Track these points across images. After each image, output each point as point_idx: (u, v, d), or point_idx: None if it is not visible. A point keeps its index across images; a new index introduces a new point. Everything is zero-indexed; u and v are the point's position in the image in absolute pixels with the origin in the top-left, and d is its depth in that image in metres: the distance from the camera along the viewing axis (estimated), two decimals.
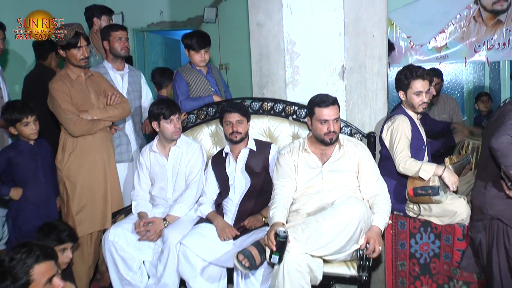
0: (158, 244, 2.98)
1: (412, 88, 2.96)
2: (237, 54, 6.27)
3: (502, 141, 2.48)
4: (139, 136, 3.76)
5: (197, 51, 3.54)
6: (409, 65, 3.10)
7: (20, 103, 3.17)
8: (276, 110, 3.33)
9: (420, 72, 2.95)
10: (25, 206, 3.13)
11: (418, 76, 2.94)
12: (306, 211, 2.70)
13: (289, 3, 3.37)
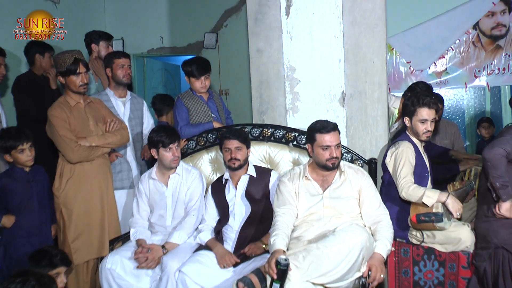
0: (157, 272, 2.95)
1: (417, 116, 2.98)
2: (237, 80, 6.33)
3: (495, 152, 2.51)
4: (140, 163, 3.77)
5: (198, 78, 3.57)
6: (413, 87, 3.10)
7: (15, 130, 3.17)
8: (277, 136, 3.35)
9: (427, 100, 2.98)
10: (17, 234, 3.10)
11: (424, 104, 2.97)
12: (307, 238, 2.69)
13: (289, 30, 3.42)
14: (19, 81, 4.18)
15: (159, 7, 6.75)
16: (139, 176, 3.59)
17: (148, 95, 6.67)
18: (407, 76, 5.87)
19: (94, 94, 3.64)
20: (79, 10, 6.25)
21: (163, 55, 6.92)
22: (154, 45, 6.79)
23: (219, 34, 6.52)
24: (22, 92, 4.10)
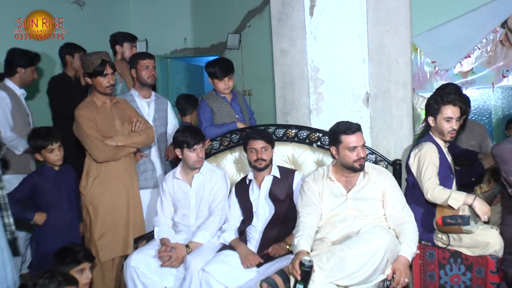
0: (180, 271, 2.97)
1: (442, 114, 2.93)
2: (260, 81, 6.32)
3: (503, 147, 2.46)
4: (164, 162, 3.80)
5: (221, 79, 3.58)
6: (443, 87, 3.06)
7: (45, 130, 3.25)
8: (300, 137, 3.34)
9: (451, 98, 2.93)
10: (48, 231, 3.18)
11: (448, 102, 2.92)
12: (331, 239, 2.67)
13: (312, 30, 3.41)
14: (53, 82, 4.30)
15: (183, 8, 6.80)
16: (163, 175, 3.62)
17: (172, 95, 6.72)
18: (431, 76, 5.78)
19: (119, 95, 3.68)
20: (104, 11, 6.35)
21: (186, 56, 6.97)
22: (178, 46, 6.85)
23: (242, 34, 6.53)
24: (55, 93, 4.21)
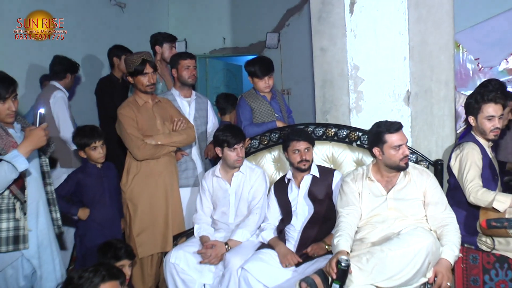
0: (219, 268, 3.00)
1: (483, 113, 2.84)
2: (299, 79, 6.30)
3: None
4: (205, 161, 3.83)
5: (261, 78, 3.59)
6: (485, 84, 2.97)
7: (89, 128, 3.34)
8: (340, 136, 3.30)
9: (492, 96, 2.83)
10: (91, 226, 3.26)
11: (489, 100, 2.83)
12: (371, 240, 2.64)
13: (353, 28, 3.36)
14: (101, 83, 4.43)
15: (222, 8, 6.84)
16: (203, 174, 3.65)
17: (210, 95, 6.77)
18: (474, 73, 5.61)
19: (160, 95, 3.73)
20: (144, 13, 6.47)
21: (225, 55, 7.01)
22: (217, 45, 6.89)
23: (281, 33, 6.52)
24: (102, 93, 4.33)
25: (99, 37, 5.49)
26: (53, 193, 2.85)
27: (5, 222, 2.51)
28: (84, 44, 5.31)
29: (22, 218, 2.55)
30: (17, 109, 2.61)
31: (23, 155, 2.42)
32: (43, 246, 2.69)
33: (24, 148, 2.45)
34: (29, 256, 2.62)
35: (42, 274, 2.69)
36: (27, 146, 2.46)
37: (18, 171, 2.40)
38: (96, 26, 5.52)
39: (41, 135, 2.50)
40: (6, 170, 2.38)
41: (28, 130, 2.52)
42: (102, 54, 5.07)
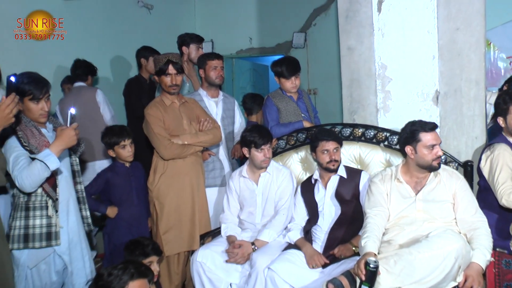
0: (246, 268, 3.01)
1: (511, 114, 2.78)
2: (326, 79, 6.27)
3: None
4: (231, 161, 3.84)
5: (288, 78, 3.58)
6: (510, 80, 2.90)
7: (118, 127, 3.40)
8: (367, 136, 3.27)
9: None
10: (119, 224, 3.31)
11: None
12: (399, 242, 2.60)
13: (380, 27, 3.32)
14: (128, 84, 4.50)
15: (248, 8, 6.85)
16: (231, 174, 3.67)
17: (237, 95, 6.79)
18: (506, 72, 5.47)
19: (187, 95, 3.76)
20: (171, 14, 6.53)
21: (251, 55, 7.02)
22: (243, 46, 6.91)
23: (307, 33, 6.50)
24: (130, 94, 4.40)
25: (127, 38, 5.57)
26: (83, 192, 2.91)
27: (39, 219, 2.59)
28: (112, 46, 5.41)
29: (54, 215, 2.62)
30: (49, 109, 2.68)
31: (54, 154, 2.48)
32: (74, 243, 2.76)
33: (55, 148, 2.51)
34: (61, 253, 2.69)
35: (72, 270, 2.76)
36: (58, 145, 2.53)
37: (49, 169, 2.46)
38: (123, 27, 5.61)
39: (71, 135, 2.56)
40: (39, 168, 2.44)
41: (59, 130, 2.58)
42: (130, 55, 5.15)
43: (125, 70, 5.44)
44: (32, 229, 2.58)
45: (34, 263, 2.63)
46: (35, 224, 2.58)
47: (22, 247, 2.57)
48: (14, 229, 2.57)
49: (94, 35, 5.17)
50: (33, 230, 2.58)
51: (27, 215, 2.58)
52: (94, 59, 5.09)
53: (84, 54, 4.86)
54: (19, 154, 2.51)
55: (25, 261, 2.61)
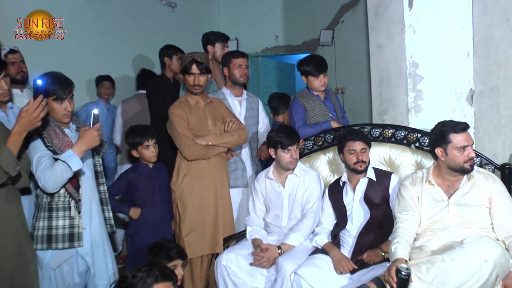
0: (271, 272, 2.98)
1: None
2: (354, 78, 6.20)
3: None
4: (255, 162, 3.83)
5: (316, 76, 3.55)
6: None
7: (142, 127, 3.41)
8: (398, 137, 3.21)
9: None
10: (142, 225, 3.32)
11: None
12: (431, 248, 2.54)
13: (412, 23, 3.27)
14: (152, 84, 4.53)
15: (274, 5, 6.83)
16: (253, 175, 3.65)
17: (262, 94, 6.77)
18: None
19: (210, 94, 3.76)
20: (195, 12, 6.55)
21: (277, 54, 6.99)
22: (269, 44, 6.89)
23: (335, 30, 6.44)
24: (153, 94, 4.43)
25: (150, 37, 5.61)
26: (105, 193, 2.93)
27: (62, 220, 2.61)
28: (135, 45, 5.46)
29: (77, 216, 2.64)
30: (73, 110, 2.71)
31: (77, 155, 2.50)
32: (96, 244, 2.77)
33: (78, 148, 2.53)
34: (83, 254, 2.71)
35: (95, 271, 2.78)
36: (81, 146, 2.54)
37: (72, 170, 2.48)
38: (147, 26, 5.65)
39: (94, 136, 2.57)
40: (62, 169, 2.46)
41: (82, 131, 2.60)
42: (153, 54, 5.19)
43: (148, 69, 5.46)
44: (55, 229, 2.60)
45: (57, 264, 2.65)
46: (58, 225, 2.60)
47: (45, 248, 2.60)
48: (38, 230, 2.60)
49: (117, 34, 5.22)
50: (56, 231, 2.60)
51: (50, 216, 2.61)
52: (117, 58, 5.17)
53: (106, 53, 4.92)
54: (43, 154, 2.54)
55: (49, 262, 2.63)
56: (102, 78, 4.88)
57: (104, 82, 4.87)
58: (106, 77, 4.90)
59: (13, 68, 3.44)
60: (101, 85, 4.87)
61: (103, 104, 4.89)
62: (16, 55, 3.49)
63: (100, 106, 4.84)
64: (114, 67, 5.11)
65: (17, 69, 3.47)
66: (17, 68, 3.47)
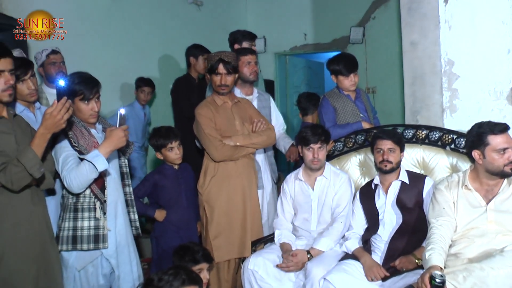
0: (300, 278, 2.95)
1: None
2: (386, 77, 6.14)
3: None
4: (270, 162, 3.77)
5: (347, 76, 3.52)
6: None
7: (165, 129, 3.41)
8: (432, 138, 3.15)
9: None
10: (168, 227, 3.32)
11: None
12: (468, 256, 2.47)
13: (447, 19, 3.20)
14: (177, 84, 4.55)
15: (302, 2, 6.81)
16: (268, 176, 3.62)
17: (290, 94, 6.76)
18: None
19: None
20: (222, 10, 6.57)
21: (306, 52, 6.96)
22: (297, 42, 6.86)
23: (366, 27, 6.38)
24: (178, 94, 4.45)
25: (175, 36, 5.64)
26: (131, 194, 2.94)
27: (87, 221, 2.63)
28: (160, 44, 5.50)
29: (102, 217, 2.65)
30: (99, 110, 2.73)
31: (103, 155, 2.52)
32: (121, 246, 2.79)
33: (104, 149, 2.54)
34: (108, 256, 2.72)
35: (120, 274, 2.79)
36: (107, 146, 2.56)
37: (97, 171, 2.50)
38: (172, 25, 5.68)
39: (121, 136, 2.58)
40: (87, 169, 2.48)
41: (108, 131, 2.62)
42: (178, 53, 5.22)
43: (173, 69, 5.50)
44: (80, 230, 2.62)
45: (82, 265, 2.67)
46: (83, 226, 2.63)
47: (70, 249, 2.62)
48: (63, 230, 2.63)
49: (141, 33, 5.27)
50: (81, 232, 2.62)
51: (75, 217, 2.63)
52: (141, 57, 5.19)
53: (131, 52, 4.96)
54: (68, 154, 2.56)
55: (74, 263, 2.66)
56: (143, 82, 4.88)
57: (144, 87, 4.86)
58: (147, 81, 4.90)
59: (53, 68, 3.51)
60: (141, 89, 4.86)
61: (139, 107, 4.92)
62: (57, 56, 3.56)
63: (136, 109, 4.89)
64: (138, 67, 5.14)
65: (57, 69, 3.53)
66: (58, 68, 3.54)
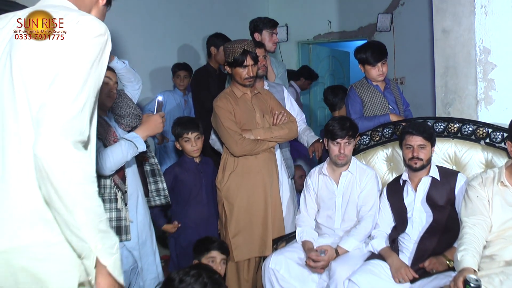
0: (323, 278, 2.94)
1: None
2: (415, 67, 6.07)
3: None
4: (286, 157, 3.74)
5: (374, 65, 3.48)
6: None
7: (186, 119, 3.44)
8: (465, 132, 3.09)
9: None
10: (187, 224, 3.33)
11: None
12: (504, 258, 2.42)
13: (483, 4, 3.14)
14: (197, 75, 4.56)
15: None
16: (283, 169, 3.59)
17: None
18: None
19: None
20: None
21: (331, 41, 6.91)
22: (321, 30, 6.83)
23: (394, 14, 6.31)
24: (198, 85, 4.45)
25: (194, 24, 5.64)
26: (157, 164, 2.99)
27: (108, 212, 2.62)
28: (178, 32, 5.50)
29: (124, 208, 2.67)
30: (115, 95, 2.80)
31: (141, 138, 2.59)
32: (143, 238, 2.82)
33: (142, 132, 2.63)
34: (131, 248, 2.75)
35: (142, 265, 2.83)
36: (145, 130, 2.64)
37: (138, 150, 2.57)
38: (190, 13, 5.68)
39: (158, 122, 2.66)
40: (127, 147, 2.52)
41: (145, 116, 2.70)
42: (197, 42, 5.22)
43: (192, 59, 5.50)
44: None
45: None
46: None
47: None
48: None
49: (159, 22, 5.29)
50: None
51: None
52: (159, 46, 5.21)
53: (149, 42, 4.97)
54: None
55: None
56: (178, 67, 4.94)
57: (180, 72, 4.92)
58: (183, 65, 4.95)
59: None
60: (176, 75, 4.92)
61: (180, 94, 4.97)
62: None
63: (177, 96, 4.93)
64: (156, 57, 5.18)
65: None
66: None
